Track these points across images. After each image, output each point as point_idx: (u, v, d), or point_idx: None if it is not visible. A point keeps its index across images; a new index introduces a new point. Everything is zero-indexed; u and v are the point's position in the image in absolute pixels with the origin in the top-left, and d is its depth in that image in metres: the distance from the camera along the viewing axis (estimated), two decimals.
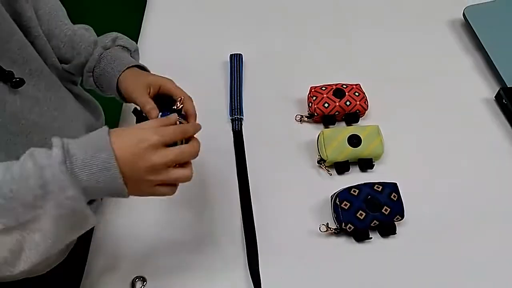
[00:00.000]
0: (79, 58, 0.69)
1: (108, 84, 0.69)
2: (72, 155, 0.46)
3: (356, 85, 0.82)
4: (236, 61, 0.91)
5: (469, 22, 0.95)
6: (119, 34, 0.74)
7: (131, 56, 0.73)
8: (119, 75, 0.67)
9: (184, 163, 0.53)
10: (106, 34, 0.73)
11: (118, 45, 0.73)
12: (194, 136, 0.55)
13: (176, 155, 0.50)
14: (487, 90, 0.88)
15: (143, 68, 0.72)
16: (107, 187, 0.47)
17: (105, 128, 0.49)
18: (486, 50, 0.91)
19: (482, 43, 0.92)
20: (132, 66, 0.69)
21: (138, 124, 0.53)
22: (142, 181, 0.49)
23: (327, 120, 0.81)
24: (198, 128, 0.56)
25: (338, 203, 0.68)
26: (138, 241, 0.71)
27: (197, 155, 0.53)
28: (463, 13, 0.97)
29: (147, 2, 1.05)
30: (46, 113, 0.62)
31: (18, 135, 0.57)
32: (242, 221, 0.72)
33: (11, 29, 0.57)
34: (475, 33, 0.94)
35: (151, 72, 0.71)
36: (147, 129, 0.50)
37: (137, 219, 0.72)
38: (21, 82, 0.55)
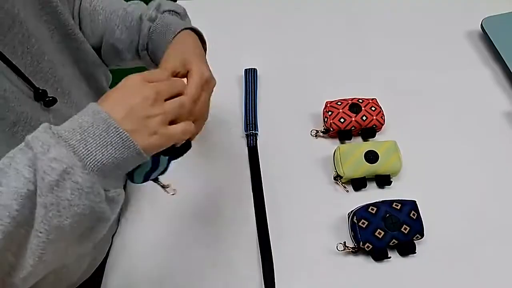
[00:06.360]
0: (131, 37, 0.67)
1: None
2: (58, 128, 0.43)
3: (372, 99, 0.81)
4: (250, 75, 0.91)
5: (487, 34, 0.94)
6: (162, 0, 0.68)
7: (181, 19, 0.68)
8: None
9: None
10: (150, 4, 0.68)
11: (164, 11, 0.67)
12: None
13: (169, 86, 0.47)
14: (507, 102, 0.86)
15: (197, 33, 0.66)
16: (106, 141, 0.41)
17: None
18: (505, 61, 0.89)
19: (501, 54, 0.90)
20: (183, 30, 0.63)
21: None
22: (144, 120, 0.43)
23: (343, 135, 0.80)
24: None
25: (355, 221, 0.67)
26: (153, 260, 0.70)
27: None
28: (481, 24, 0.95)
29: None
30: None
31: None
32: (257, 239, 0.71)
33: (44, 50, 0.58)
34: (493, 44, 0.92)
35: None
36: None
37: (151, 239, 0.72)
38: (53, 101, 0.56)
